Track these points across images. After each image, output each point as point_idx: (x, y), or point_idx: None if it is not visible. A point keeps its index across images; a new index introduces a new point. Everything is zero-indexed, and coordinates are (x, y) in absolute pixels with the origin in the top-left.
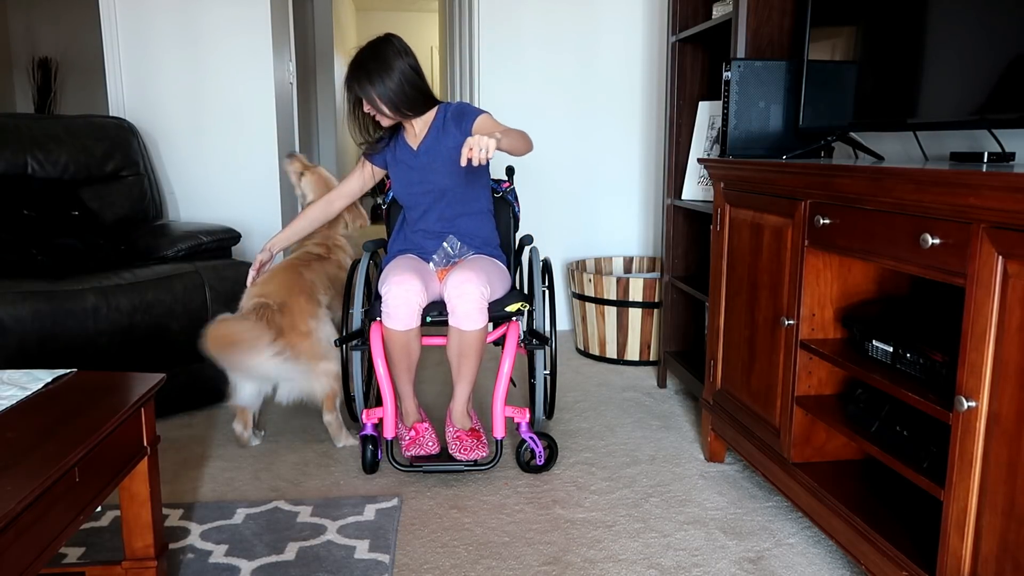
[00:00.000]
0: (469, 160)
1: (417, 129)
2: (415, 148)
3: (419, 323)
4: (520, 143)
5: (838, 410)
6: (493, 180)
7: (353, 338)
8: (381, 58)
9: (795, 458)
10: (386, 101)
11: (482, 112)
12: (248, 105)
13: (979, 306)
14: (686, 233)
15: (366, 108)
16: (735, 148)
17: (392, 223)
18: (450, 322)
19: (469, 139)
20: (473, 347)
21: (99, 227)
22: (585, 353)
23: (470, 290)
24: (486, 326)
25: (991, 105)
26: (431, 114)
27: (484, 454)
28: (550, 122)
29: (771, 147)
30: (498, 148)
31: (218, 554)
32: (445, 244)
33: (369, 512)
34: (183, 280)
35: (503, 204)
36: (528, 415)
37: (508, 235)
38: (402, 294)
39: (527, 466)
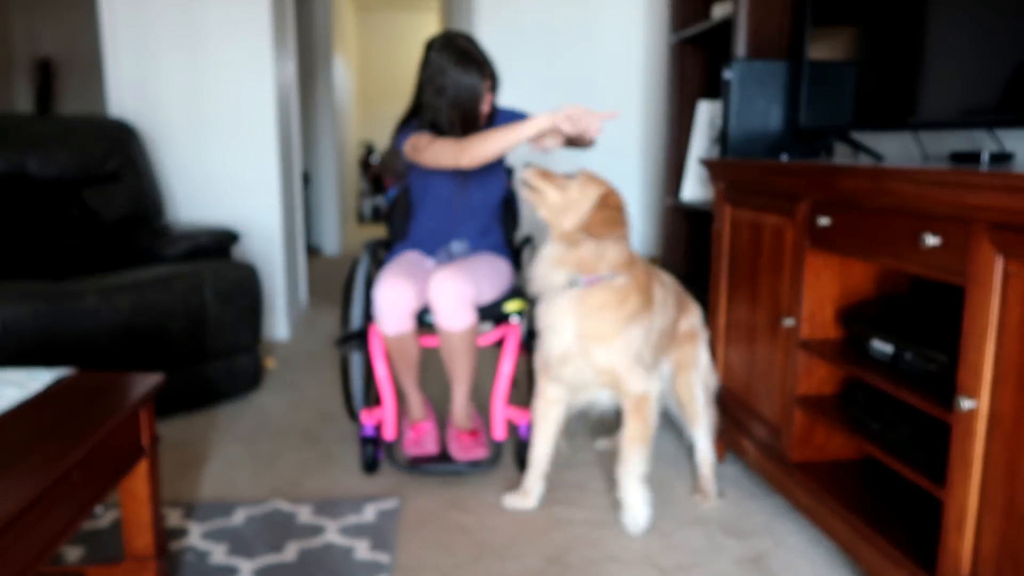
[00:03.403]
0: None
1: None
2: None
3: (412, 326)
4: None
5: (838, 410)
6: None
7: (353, 339)
8: None
9: (795, 458)
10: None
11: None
12: (248, 105)
13: (979, 306)
14: (686, 233)
15: (487, 101)
16: (735, 148)
17: (394, 223)
18: (435, 321)
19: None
20: (461, 346)
21: (99, 227)
22: None
23: (448, 287)
24: (473, 325)
25: (991, 105)
26: None
27: (484, 454)
28: None
29: (771, 147)
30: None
31: (218, 554)
32: (452, 244)
33: (369, 512)
34: (183, 280)
35: (504, 204)
36: (529, 416)
37: (509, 235)
38: (391, 297)
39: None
